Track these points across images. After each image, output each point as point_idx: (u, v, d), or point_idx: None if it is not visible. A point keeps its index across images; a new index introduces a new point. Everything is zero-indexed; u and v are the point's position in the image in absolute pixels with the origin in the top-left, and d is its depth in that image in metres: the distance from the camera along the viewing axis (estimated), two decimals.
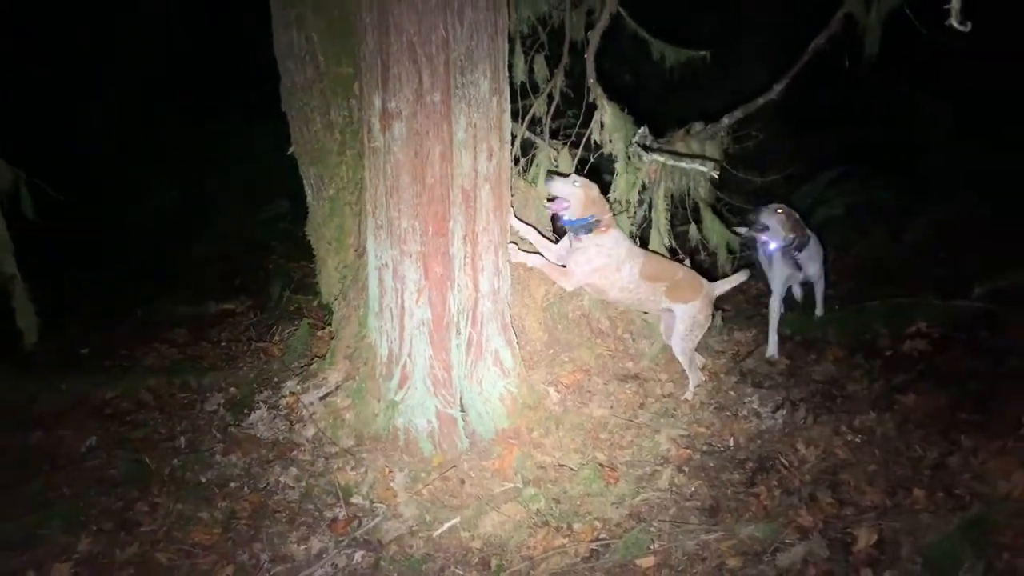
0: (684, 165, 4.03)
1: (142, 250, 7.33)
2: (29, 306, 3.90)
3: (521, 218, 3.86)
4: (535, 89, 4.37)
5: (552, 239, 4.00)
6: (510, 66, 3.67)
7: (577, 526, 3.12)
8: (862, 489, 3.16)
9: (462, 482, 3.38)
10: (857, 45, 4.41)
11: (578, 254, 3.78)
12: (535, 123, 4.33)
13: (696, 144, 4.33)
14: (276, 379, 4.23)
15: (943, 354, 4.11)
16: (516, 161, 4.07)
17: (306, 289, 5.44)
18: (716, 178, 4.12)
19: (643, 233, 4.45)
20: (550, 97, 4.32)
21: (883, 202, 6.39)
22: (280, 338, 4.89)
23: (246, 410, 3.98)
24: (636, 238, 4.31)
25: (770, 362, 4.37)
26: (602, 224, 3.75)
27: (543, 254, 3.86)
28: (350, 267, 4.21)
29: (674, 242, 4.46)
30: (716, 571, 2.82)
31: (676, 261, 4.37)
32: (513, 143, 3.75)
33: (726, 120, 4.40)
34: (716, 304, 4.24)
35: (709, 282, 4.10)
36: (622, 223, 4.19)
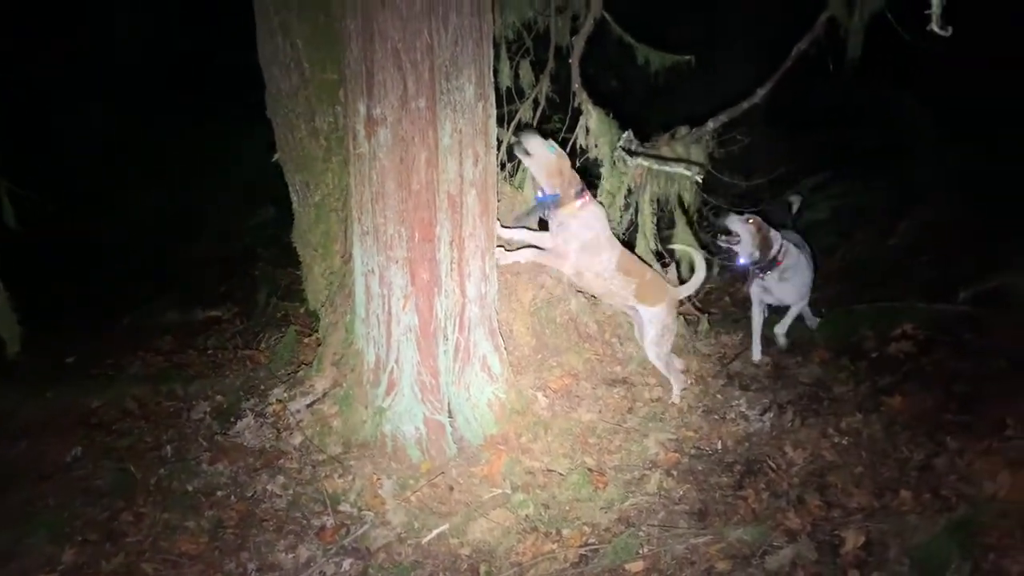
0: (668, 169, 4.04)
1: (128, 256, 7.28)
2: (11, 314, 3.86)
3: (508, 224, 3.85)
4: (521, 94, 4.36)
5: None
6: (496, 71, 3.67)
7: (566, 531, 3.12)
8: (849, 491, 3.17)
9: (450, 488, 3.37)
10: (841, 49, 4.44)
11: (562, 232, 3.71)
12: (521, 128, 4.33)
13: (681, 148, 4.34)
14: (263, 387, 4.21)
15: (928, 356, 4.13)
16: (502, 166, 4.07)
17: (293, 296, 5.42)
18: (700, 182, 4.12)
19: (630, 237, 4.46)
20: (536, 102, 4.33)
21: (868, 205, 6.42)
22: (267, 345, 4.87)
23: (233, 418, 3.95)
24: (623, 241, 4.32)
25: (756, 365, 4.38)
26: (579, 199, 3.68)
27: (536, 245, 3.80)
28: (336, 273, 4.20)
29: (660, 245, 4.46)
30: (705, 575, 2.82)
31: (661, 264, 4.39)
32: (499, 148, 3.74)
33: (711, 124, 4.41)
34: (702, 308, 4.25)
35: (673, 287, 4.08)
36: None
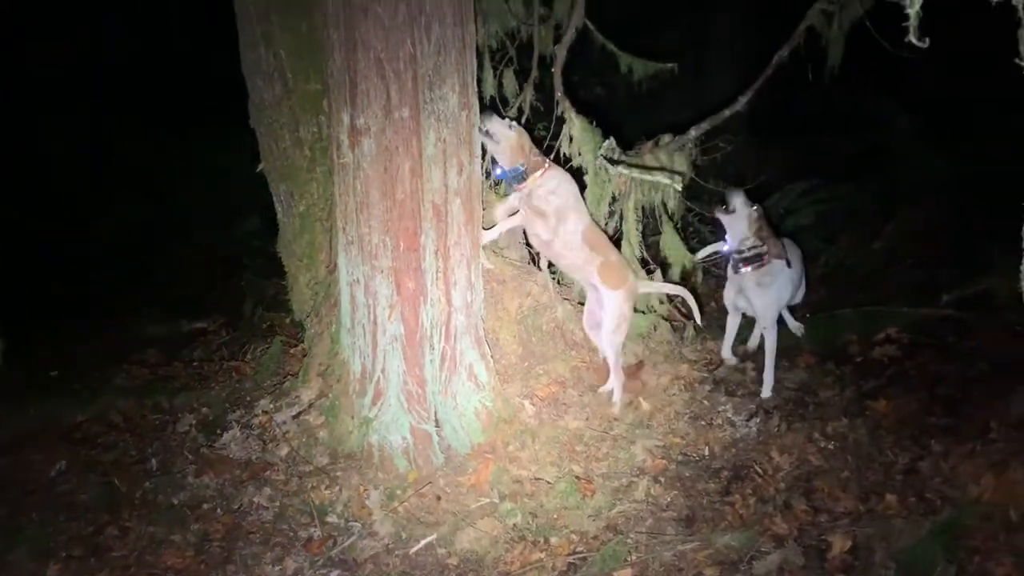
0: (648, 178, 4.06)
1: (112, 268, 7.24)
2: None
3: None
4: (505, 103, 4.38)
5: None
6: (479, 81, 3.68)
7: (554, 540, 3.11)
8: (836, 495, 3.18)
9: (438, 498, 3.36)
10: (822, 56, 4.49)
11: (535, 196, 3.71)
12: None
13: (665, 156, 4.36)
14: (249, 398, 4.18)
15: (913, 360, 4.16)
16: (487, 175, 4.07)
17: (279, 306, 5.39)
18: (679, 190, 4.14)
19: (615, 244, 4.46)
20: (520, 111, 4.34)
21: (853, 210, 6.47)
22: (253, 356, 4.84)
23: (218, 430, 3.93)
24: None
25: (741, 371, 4.37)
26: (540, 168, 3.70)
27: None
28: (322, 284, 4.19)
29: (645, 253, 4.48)
30: None
31: (647, 271, 4.39)
32: (484, 157, 3.75)
33: (693, 132, 4.44)
34: (688, 314, 4.25)
35: (634, 277, 4.01)
36: None
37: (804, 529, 3.01)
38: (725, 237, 4.19)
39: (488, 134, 3.63)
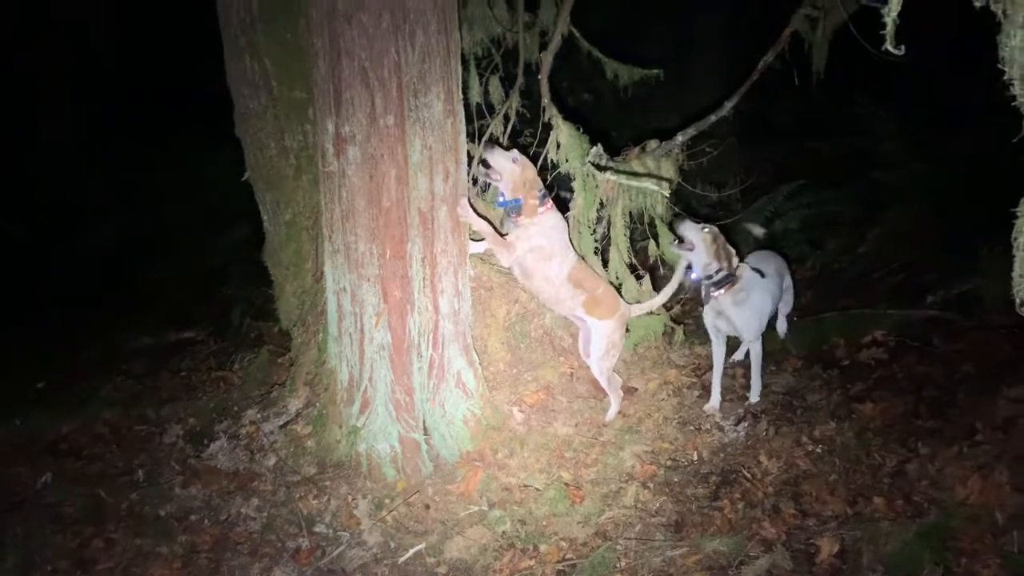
0: (636, 184, 4.06)
1: (99, 278, 7.21)
2: None
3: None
4: (491, 110, 4.38)
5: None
6: (465, 88, 3.69)
7: (543, 547, 3.10)
8: (824, 499, 3.18)
9: (427, 507, 3.36)
10: (806, 61, 4.52)
11: (519, 231, 3.69)
12: (489, 142, 4.33)
13: (652, 162, 4.37)
14: (236, 408, 4.17)
15: (899, 362, 4.18)
16: (475, 182, 4.08)
17: (266, 315, 5.36)
18: (667, 196, 4.15)
19: (603, 250, 4.47)
20: (506, 118, 4.34)
21: (838, 214, 6.50)
22: (240, 366, 4.81)
23: (206, 441, 3.91)
24: (597, 254, 4.34)
25: (730, 377, 4.38)
26: (542, 206, 3.68)
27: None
28: (308, 292, 4.18)
29: (633, 258, 4.48)
30: None
31: (636, 276, 4.40)
32: (471, 164, 3.75)
33: (679, 138, 4.45)
34: (678, 319, 4.26)
35: (626, 303, 4.06)
36: (586, 241, 4.22)
37: (792, 533, 3.01)
38: (688, 268, 4.09)
39: (486, 166, 3.64)
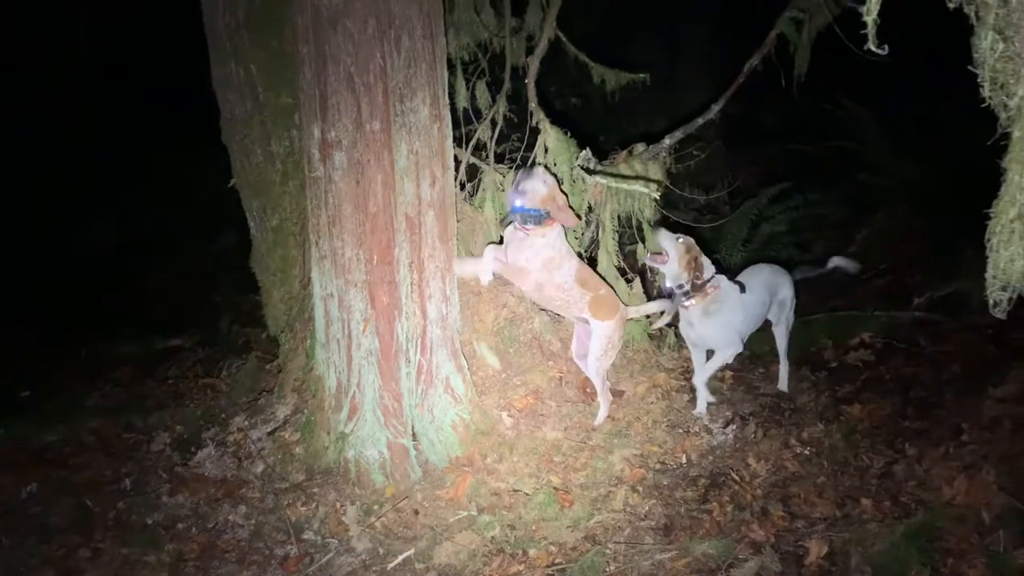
0: (625, 187, 4.07)
1: (86, 285, 7.16)
2: None
3: (471, 252, 3.83)
4: (478, 115, 4.38)
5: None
6: (452, 92, 3.69)
7: (533, 552, 3.09)
8: (812, 501, 3.19)
9: (416, 513, 3.34)
10: (792, 64, 4.55)
11: (525, 249, 3.68)
12: (480, 148, 4.34)
13: (639, 165, 4.38)
14: (224, 415, 4.15)
15: (886, 364, 4.20)
16: (462, 186, 4.08)
17: (254, 322, 5.35)
18: (656, 199, 4.16)
19: (591, 253, 4.48)
20: (493, 122, 4.34)
21: (825, 216, 6.53)
22: (228, 373, 4.80)
23: (193, 448, 3.89)
24: (585, 258, 4.34)
25: (720, 379, 4.38)
26: (551, 224, 3.68)
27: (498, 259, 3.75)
28: (296, 298, 4.17)
29: (623, 262, 4.49)
30: None
31: (625, 280, 4.41)
32: (458, 169, 3.75)
33: (667, 141, 4.47)
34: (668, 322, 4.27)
35: (624, 304, 4.06)
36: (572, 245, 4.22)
37: (781, 535, 3.02)
38: (664, 282, 4.05)
39: (522, 192, 3.59)
